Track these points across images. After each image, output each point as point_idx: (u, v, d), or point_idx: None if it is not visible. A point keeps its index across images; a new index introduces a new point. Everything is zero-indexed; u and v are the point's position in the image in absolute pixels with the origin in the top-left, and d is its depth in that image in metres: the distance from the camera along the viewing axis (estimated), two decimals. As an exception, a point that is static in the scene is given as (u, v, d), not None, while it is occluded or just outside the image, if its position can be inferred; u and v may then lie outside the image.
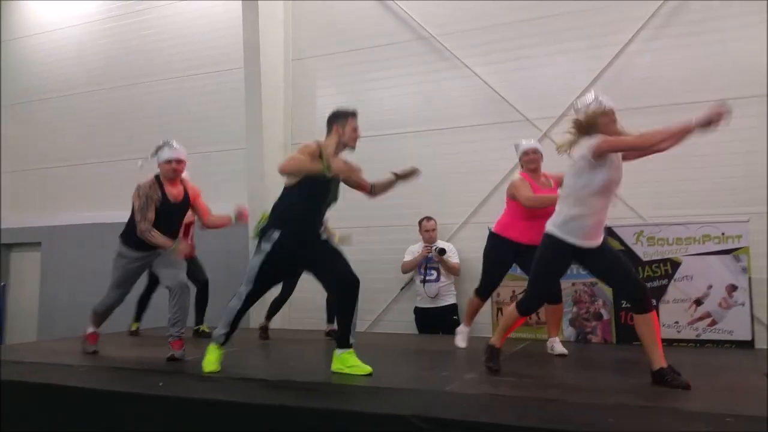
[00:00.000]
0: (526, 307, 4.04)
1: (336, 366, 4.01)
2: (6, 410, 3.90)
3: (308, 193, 4.06)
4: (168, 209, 4.84)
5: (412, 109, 7.43)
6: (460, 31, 7.19)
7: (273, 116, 7.73)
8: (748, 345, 5.28)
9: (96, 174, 9.10)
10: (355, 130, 4.17)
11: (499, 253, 5.11)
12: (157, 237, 4.72)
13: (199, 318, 6.30)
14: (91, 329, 5.14)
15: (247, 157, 7.68)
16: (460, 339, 5.34)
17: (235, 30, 7.98)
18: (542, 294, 4.15)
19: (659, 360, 3.63)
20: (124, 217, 5.06)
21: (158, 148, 4.91)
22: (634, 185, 6.30)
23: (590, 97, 3.85)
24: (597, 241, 3.83)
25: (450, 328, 6.17)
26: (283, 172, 4.07)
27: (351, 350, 4.02)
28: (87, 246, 8.74)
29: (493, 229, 5.21)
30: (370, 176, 4.34)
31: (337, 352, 4.03)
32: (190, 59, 8.63)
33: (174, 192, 4.90)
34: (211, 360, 4.21)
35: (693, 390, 3.39)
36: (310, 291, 6.14)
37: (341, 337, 4.04)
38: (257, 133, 7.58)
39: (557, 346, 4.94)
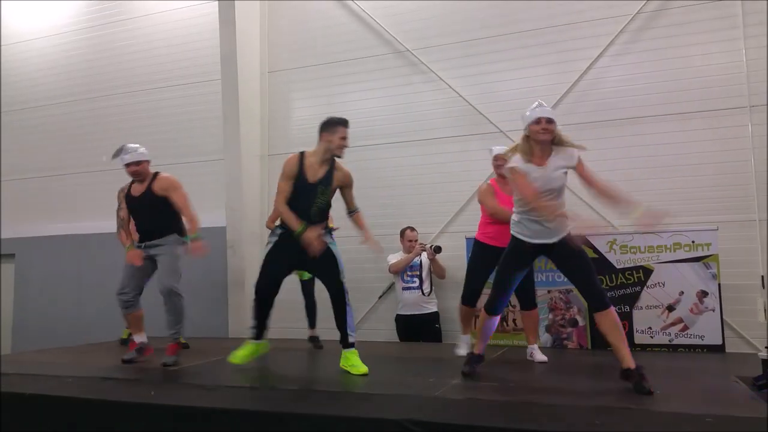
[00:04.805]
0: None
1: (341, 363, 4.31)
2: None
3: (293, 197, 4.35)
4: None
5: (387, 120, 7.50)
6: (435, 45, 7.32)
7: (250, 128, 7.75)
8: (719, 349, 5.45)
9: (70, 185, 8.96)
10: (343, 139, 4.36)
11: (484, 260, 5.03)
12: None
13: None
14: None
15: (226, 167, 7.67)
16: (460, 348, 5.25)
17: (211, 42, 8.01)
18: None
19: (626, 360, 3.65)
20: (98, 227, 5.05)
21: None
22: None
23: None
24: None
25: (433, 337, 6.21)
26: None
27: (353, 350, 4.27)
28: (61, 257, 8.59)
29: (475, 237, 5.23)
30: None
31: (343, 351, 4.34)
32: (166, 71, 8.59)
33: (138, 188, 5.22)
34: (238, 354, 4.46)
35: (670, 392, 3.49)
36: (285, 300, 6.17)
37: (341, 338, 4.30)
38: (235, 144, 7.59)
39: (537, 354, 4.97)
